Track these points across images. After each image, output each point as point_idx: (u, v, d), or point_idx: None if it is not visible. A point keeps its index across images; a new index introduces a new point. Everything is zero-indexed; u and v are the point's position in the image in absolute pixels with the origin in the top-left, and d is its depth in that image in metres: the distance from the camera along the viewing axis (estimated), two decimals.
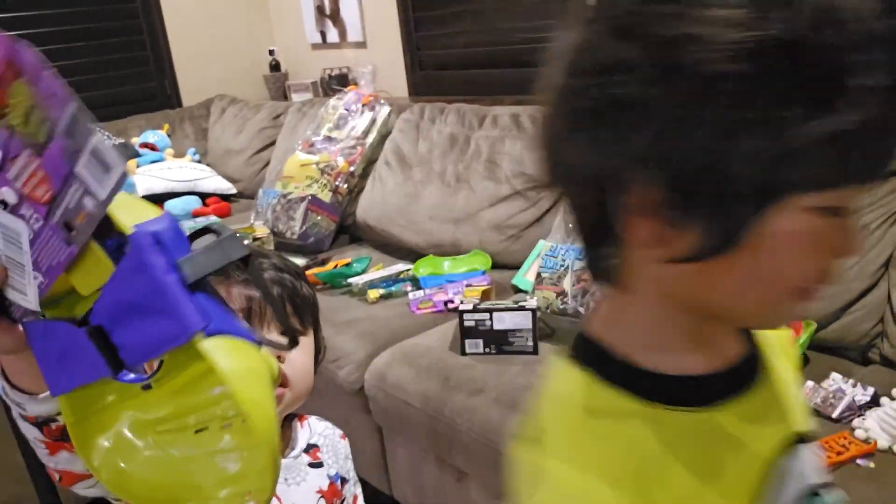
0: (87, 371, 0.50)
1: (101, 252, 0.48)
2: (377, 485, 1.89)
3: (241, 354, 0.48)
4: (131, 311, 0.48)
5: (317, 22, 3.55)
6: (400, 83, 3.13)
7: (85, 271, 0.49)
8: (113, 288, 0.48)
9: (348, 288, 2.10)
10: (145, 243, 0.47)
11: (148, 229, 0.47)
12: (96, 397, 0.57)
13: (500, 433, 1.38)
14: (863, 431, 1.15)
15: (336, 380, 1.78)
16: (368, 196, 2.57)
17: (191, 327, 0.46)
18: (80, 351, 0.49)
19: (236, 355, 0.48)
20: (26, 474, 1.42)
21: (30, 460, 1.39)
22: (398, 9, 3.05)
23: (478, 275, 1.99)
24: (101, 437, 0.58)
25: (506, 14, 2.65)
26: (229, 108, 3.62)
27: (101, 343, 0.49)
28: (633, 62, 0.40)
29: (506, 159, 2.15)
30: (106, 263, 0.48)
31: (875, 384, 1.26)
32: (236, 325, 0.49)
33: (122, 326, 0.48)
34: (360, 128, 2.66)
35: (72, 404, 0.56)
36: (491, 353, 1.60)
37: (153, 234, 0.47)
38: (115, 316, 0.48)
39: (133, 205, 0.50)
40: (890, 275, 1.41)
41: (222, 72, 3.87)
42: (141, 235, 0.47)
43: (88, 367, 0.49)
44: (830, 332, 1.45)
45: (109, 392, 0.57)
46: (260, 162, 3.35)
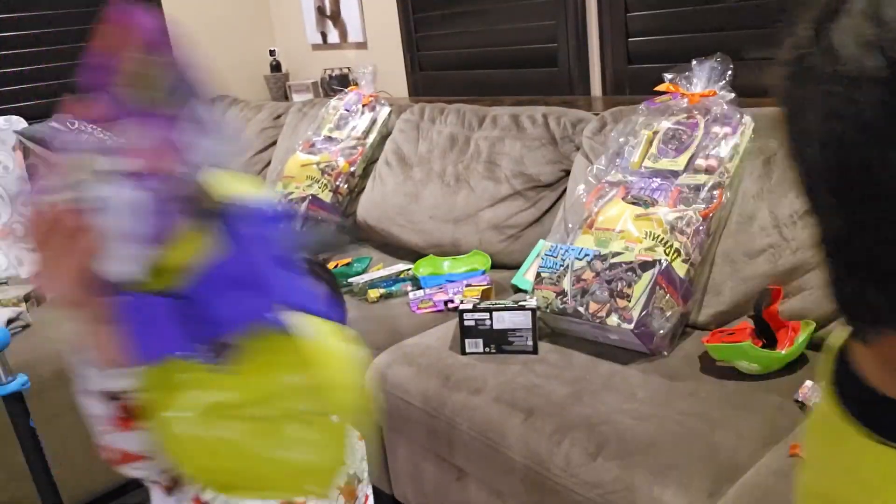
0: (171, 343, 0.50)
1: (199, 225, 0.48)
2: (377, 483, 1.89)
3: (330, 335, 0.48)
4: (222, 284, 0.48)
5: (317, 22, 3.55)
6: (400, 84, 3.14)
7: (182, 244, 0.49)
8: (207, 261, 0.48)
9: (349, 287, 2.10)
10: (241, 218, 0.47)
11: (246, 205, 0.48)
12: (174, 372, 0.56)
13: (500, 432, 1.38)
14: None
15: None
16: (369, 196, 2.57)
17: (277, 301, 0.45)
18: (167, 323, 0.49)
19: (326, 335, 0.48)
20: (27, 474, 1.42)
21: (30, 460, 1.39)
22: (398, 10, 3.06)
23: (478, 275, 2.00)
24: (173, 412, 0.57)
25: (505, 15, 2.65)
26: (230, 108, 3.62)
27: (189, 315, 0.49)
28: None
29: (505, 159, 2.15)
30: (201, 237, 0.48)
31: None
32: (328, 306, 0.49)
33: (211, 299, 0.48)
34: (360, 128, 2.67)
35: (150, 377, 0.55)
36: (491, 353, 1.61)
37: (251, 210, 0.47)
38: (206, 288, 0.48)
39: (235, 180, 0.50)
40: None
41: (223, 72, 3.87)
42: (239, 210, 0.47)
43: (173, 339, 0.49)
44: (829, 331, 1.45)
45: (188, 369, 0.57)
46: (261, 162, 3.35)
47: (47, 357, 1.89)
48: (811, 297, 1.46)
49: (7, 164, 2.90)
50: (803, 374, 1.37)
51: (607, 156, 1.84)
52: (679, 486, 1.13)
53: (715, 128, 1.69)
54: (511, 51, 2.68)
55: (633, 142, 1.81)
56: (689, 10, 2.08)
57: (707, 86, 1.74)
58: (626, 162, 1.79)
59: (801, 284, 1.48)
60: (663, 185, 1.68)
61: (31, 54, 3.35)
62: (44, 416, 1.81)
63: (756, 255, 1.55)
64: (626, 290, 1.50)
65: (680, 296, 1.54)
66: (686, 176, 1.66)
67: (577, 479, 1.24)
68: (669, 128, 1.76)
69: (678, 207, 1.61)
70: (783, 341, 1.43)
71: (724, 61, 1.72)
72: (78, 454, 1.93)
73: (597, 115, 2.06)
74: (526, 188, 2.11)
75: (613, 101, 2.20)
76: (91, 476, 1.97)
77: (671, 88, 1.79)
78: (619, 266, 1.53)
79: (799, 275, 1.48)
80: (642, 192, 1.68)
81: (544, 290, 1.61)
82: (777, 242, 1.52)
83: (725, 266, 1.60)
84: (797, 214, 1.50)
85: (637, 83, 2.26)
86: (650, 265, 1.50)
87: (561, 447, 1.28)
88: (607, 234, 1.62)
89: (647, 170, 1.74)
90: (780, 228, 1.52)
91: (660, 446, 1.21)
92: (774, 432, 1.22)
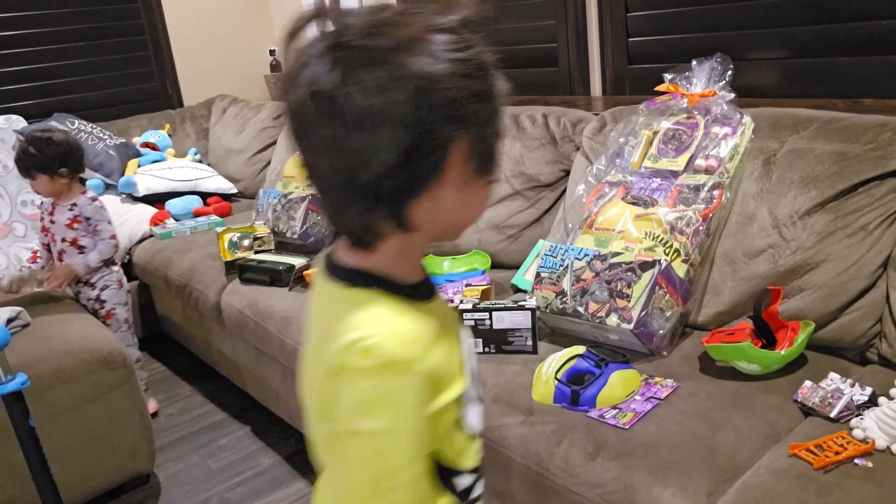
0: None
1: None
2: None
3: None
4: None
5: None
6: None
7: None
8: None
9: None
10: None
11: None
12: None
13: (499, 432, 1.38)
14: (861, 431, 1.16)
15: None
16: None
17: None
18: None
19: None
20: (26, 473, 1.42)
21: (30, 459, 1.39)
22: None
23: (477, 274, 2.00)
24: None
25: (505, 15, 2.65)
26: (230, 108, 3.62)
27: None
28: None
29: (505, 159, 2.15)
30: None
31: (873, 384, 1.26)
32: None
33: None
34: None
35: None
36: (490, 353, 1.61)
37: None
38: None
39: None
40: (888, 275, 1.41)
41: (223, 72, 3.87)
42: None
43: None
44: (829, 332, 1.45)
45: None
46: (261, 162, 3.35)
47: (47, 356, 1.89)
48: (811, 297, 1.46)
49: (7, 163, 2.89)
50: (803, 375, 1.37)
51: (607, 156, 1.84)
52: (678, 486, 1.13)
53: (715, 128, 1.69)
54: (511, 51, 2.68)
55: (632, 142, 1.81)
56: (689, 10, 2.08)
57: (707, 86, 1.74)
58: (625, 162, 1.79)
59: (801, 285, 1.48)
60: (663, 185, 1.68)
61: (31, 54, 3.35)
62: (43, 415, 1.81)
63: (755, 255, 1.55)
64: (625, 291, 1.50)
65: (680, 296, 1.54)
66: (686, 176, 1.67)
67: (576, 479, 1.23)
68: (669, 128, 1.76)
69: (678, 207, 1.61)
70: (782, 342, 1.43)
71: (723, 61, 1.72)
72: (78, 453, 1.93)
73: (597, 115, 2.06)
74: (526, 188, 2.11)
75: (613, 101, 2.20)
76: (90, 475, 1.97)
77: (671, 88, 1.79)
78: (618, 266, 1.53)
79: (798, 275, 1.48)
80: (642, 192, 1.69)
81: (544, 290, 1.61)
82: (776, 243, 1.52)
83: (725, 266, 1.60)
84: (797, 215, 1.50)
85: (637, 83, 2.26)
86: (650, 265, 1.50)
87: (560, 447, 1.28)
88: (607, 234, 1.62)
89: (646, 170, 1.74)
90: (780, 229, 1.52)
91: (659, 446, 1.21)
92: (774, 432, 1.22)
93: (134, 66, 3.64)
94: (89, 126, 3.21)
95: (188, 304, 2.53)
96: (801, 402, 1.27)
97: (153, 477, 2.18)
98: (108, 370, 1.95)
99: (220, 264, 2.42)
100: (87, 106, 3.48)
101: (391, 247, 0.65)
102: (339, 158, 0.60)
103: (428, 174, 0.61)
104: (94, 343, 1.98)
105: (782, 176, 1.55)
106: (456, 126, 0.59)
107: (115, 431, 1.99)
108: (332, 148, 0.59)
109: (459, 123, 0.59)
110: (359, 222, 0.63)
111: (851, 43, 1.79)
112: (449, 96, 0.58)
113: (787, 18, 1.89)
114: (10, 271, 2.68)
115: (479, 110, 0.60)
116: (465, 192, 0.64)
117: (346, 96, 0.57)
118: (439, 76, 0.58)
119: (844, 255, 1.43)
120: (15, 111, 3.16)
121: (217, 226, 2.90)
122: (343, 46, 0.58)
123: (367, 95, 0.57)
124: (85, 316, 2.20)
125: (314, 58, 0.60)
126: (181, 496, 2.09)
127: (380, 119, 0.57)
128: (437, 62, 0.58)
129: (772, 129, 1.64)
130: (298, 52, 0.61)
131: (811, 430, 1.20)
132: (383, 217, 0.62)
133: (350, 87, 0.57)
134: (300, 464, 2.17)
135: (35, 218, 2.86)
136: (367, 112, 0.57)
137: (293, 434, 2.29)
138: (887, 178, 1.43)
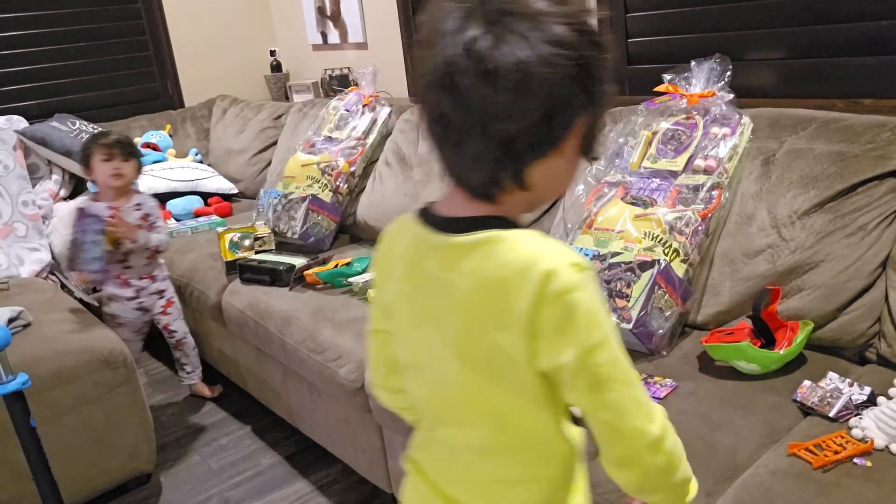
0: None
1: None
2: (377, 482, 1.89)
3: None
4: None
5: (318, 23, 3.56)
6: (400, 84, 3.14)
7: None
8: None
9: (349, 287, 2.11)
10: None
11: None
12: None
13: None
14: (860, 431, 1.16)
15: (336, 378, 1.79)
16: (369, 196, 2.58)
17: None
18: None
19: None
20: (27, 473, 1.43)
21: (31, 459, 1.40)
22: (398, 10, 3.06)
23: None
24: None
25: None
26: (231, 108, 3.63)
27: None
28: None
29: None
30: None
31: (872, 383, 1.26)
32: None
33: None
34: (360, 128, 2.67)
35: None
36: None
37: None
38: None
39: None
40: (887, 275, 1.41)
41: (224, 72, 3.88)
42: None
43: None
44: (828, 331, 1.46)
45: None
46: (261, 162, 3.36)
47: (48, 356, 1.90)
48: (810, 297, 1.47)
49: (8, 163, 2.90)
50: (802, 374, 1.37)
51: (606, 156, 1.84)
52: None
53: (714, 128, 1.69)
54: None
55: (632, 142, 1.81)
56: (688, 10, 2.08)
57: (706, 86, 1.74)
58: (625, 162, 1.79)
59: (800, 284, 1.48)
60: (662, 185, 1.68)
61: (31, 54, 3.35)
62: (44, 415, 1.82)
63: (755, 255, 1.55)
64: (624, 290, 1.50)
65: (679, 296, 1.54)
66: (685, 176, 1.67)
67: None
68: (668, 128, 1.76)
69: (677, 208, 1.62)
70: (781, 341, 1.43)
71: (723, 62, 1.72)
72: (78, 453, 1.94)
73: None
74: None
75: (612, 102, 2.20)
76: (91, 475, 1.98)
77: (670, 89, 1.79)
78: (618, 266, 1.53)
79: (797, 275, 1.48)
80: (641, 192, 1.69)
81: None
82: (776, 242, 1.52)
83: (724, 266, 1.60)
84: (796, 215, 1.50)
85: (636, 83, 2.26)
86: (649, 265, 1.50)
87: None
88: (606, 234, 1.63)
89: (646, 170, 1.74)
90: (779, 229, 1.52)
91: None
92: (773, 432, 1.22)
93: (135, 66, 3.64)
94: (90, 126, 3.21)
95: (189, 303, 2.53)
96: (800, 402, 1.27)
97: (154, 476, 2.19)
98: (109, 370, 1.96)
99: (220, 264, 2.42)
100: (88, 106, 3.48)
101: (510, 201, 0.72)
102: (486, 113, 0.65)
103: (555, 139, 0.68)
104: (94, 343, 1.98)
105: (781, 176, 1.55)
106: (585, 101, 0.67)
107: (116, 431, 2.00)
108: (480, 102, 0.65)
109: (588, 100, 0.68)
110: (489, 174, 0.69)
111: (850, 43, 1.79)
112: (588, 72, 0.66)
113: (786, 19, 1.89)
114: (11, 271, 2.68)
115: (602, 93, 0.69)
116: (570, 166, 0.72)
117: (502, 56, 0.63)
118: (587, 53, 0.66)
119: (843, 254, 1.44)
120: (16, 111, 3.17)
121: (218, 226, 2.90)
122: (499, 11, 0.65)
123: (521, 58, 0.63)
124: (86, 316, 2.21)
125: (469, 16, 0.65)
126: (181, 496, 2.10)
127: (529, 81, 0.64)
128: (583, 39, 0.66)
129: (771, 130, 1.64)
130: (446, 9, 0.67)
131: (810, 429, 1.21)
132: (510, 172, 0.69)
133: (504, 48, 0.63)
134: (300, 464, 2.18)
135: (36, 218, 2.87)
136: (518, 73, 0.63)
137: (293, 434, 2.30)
138: (886, 178, 1.43)
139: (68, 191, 3.13)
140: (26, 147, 3.04)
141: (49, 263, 2.80)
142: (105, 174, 2.24)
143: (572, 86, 0.66)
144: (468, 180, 0.71)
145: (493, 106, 0.65)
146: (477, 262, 0.70)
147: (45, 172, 3.10)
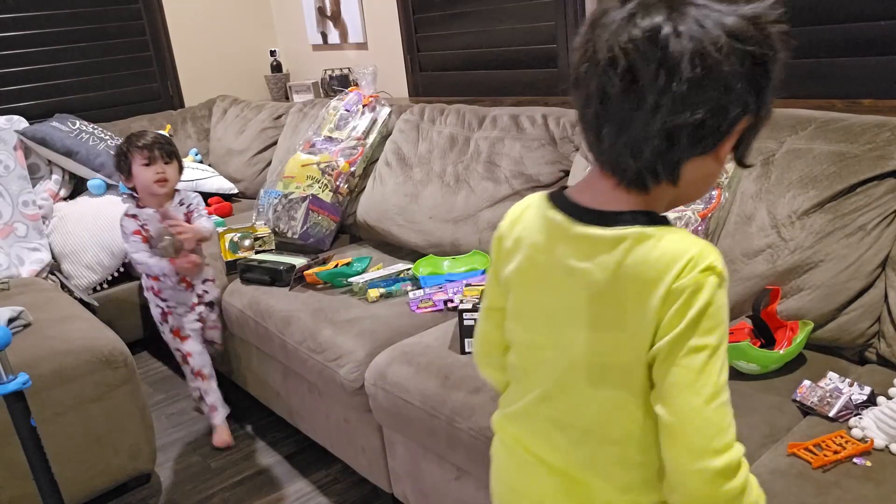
0: None
1: None
2: (377, 482, 1.90)
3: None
4: None
5: (318, 23, 3.56)
6: (400, 84, 3.14)
7: None
8: None
9: (349, 287, 2.11)
10: None
11: None
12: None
13: None
14: (859, 430, 1.16)
15: (336, 378, 1.79)
16: (369, 196, 2.58)
17: None
18: None
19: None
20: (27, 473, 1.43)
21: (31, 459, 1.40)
22: (399, 10, 3.06)
23: (477, 274, 2.00)
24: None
25: (505, 16, 2.66)
26: (231, 108, 3.63)
27: None
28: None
29: (505, 160, 2.16)
30: None
31: (872, 383, 1.26)
32: None
33: None
34: (360, 128, 2.67)
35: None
36: None
37: None
38: None
39: None
40: (887, 275, 1.42)
41: (224, 72, 3.88)
42: None
43: None
44: (827, 331, 1.46)
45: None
46: (261, 162, 3.36)
47: (48, 356, 1.90)
48: (809, 297, 1.47)
49: (8, 163, 2.90)
50: (801, 374, 1.37)
51: None
52: None
53: None
54: (511, 51, 2.68)
55: None
56: None
57: None
58: None
59: (800, 284, 1.48)
60: None
61: (31, 54, 3.36)
62: (45, 415, 1.82)
63: (754, 255, 1.55)
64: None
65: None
66: None
67: None
68: None
69: (676, 208, 1.62)
70: (781, 341, 1.43)
71: None
72: (79, 453, 1.94)
73: None
74: (525, 188, 2.11)
75: None
76: (91, 475, 1.98)
77: None
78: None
79: (797, 275, 1.49)
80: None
81: None
82: (775, 242, 1.52)
83: None
84: (795, 215, 1.51)
85: None
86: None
87: None
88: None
89: None
90: (779, 229, 1.52)
91: None
92: (773, 432, 1.22)
93: (135, 66, 3.64)
94: (90, 126, 3.21)
95: None
96: (799, 402, 1.27)
97: (154, 476, 2.19)
98: (109, 370, 1.96)
99: (221, 264, 2.42)
100: (89, 106, 3.49)
101: (660, 194, 0.71)
102: (659, 100, 0.64)
103: (718, 136, 0.67)
104: (95, 343, 1.98)
105: (781, 176, 1.56)
106: (754, 101, 0.67)
107: (116, 431, 2.00)
108: (654, 89, 0.64)
109: (757, 100, 0.68)
110: (648, 163, 0.68)
111: (850, 43, 1.79)
112: (765, 70, 0.67)
113: (786, 19, 1.89)
114: (11, 271, 2.68)
115: (770, 95, 0.69)
116: (718, 168, 0.71)
117: (684, 46, 0.63)
118: (766, 52, 0.66)
119: (843, 254, 1.44)
120: (16, 111, 3.17)
121: (218, 226, 2.90)
122: (682, 0, 0.65)
123: (702, 50, 0.63)
124: (86, 316, 2.21)
125: (650, 6, 0.65)
126: (182, 496, 2.10)
127: (708, 74, 0.63)
128: (766, 43, 0.67)
129: (770, 130, 1.64)
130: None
131: (810, 429, 1.21)
132: (667, 164, 0.68)
133: (685, 40, 0.63)
134: (300, 464, 2.18)
135: (36, 218, 2.87)
136: (699, 66, 0.63)
137: (293, 434, 2.30)
138: (886, 179, 1.43)
139: (68, 191, 3.13)
140: (26, 147, 3.04)
141: (49, 263, 2.80)
142: (148, 180, 2.06)
143: (746, 83, 0.65)
144: (624, 167, 0.70)
145: (667, 94, 0.64)
146: (619, 256, 0.71)
147: (45, 172, 3.10)
